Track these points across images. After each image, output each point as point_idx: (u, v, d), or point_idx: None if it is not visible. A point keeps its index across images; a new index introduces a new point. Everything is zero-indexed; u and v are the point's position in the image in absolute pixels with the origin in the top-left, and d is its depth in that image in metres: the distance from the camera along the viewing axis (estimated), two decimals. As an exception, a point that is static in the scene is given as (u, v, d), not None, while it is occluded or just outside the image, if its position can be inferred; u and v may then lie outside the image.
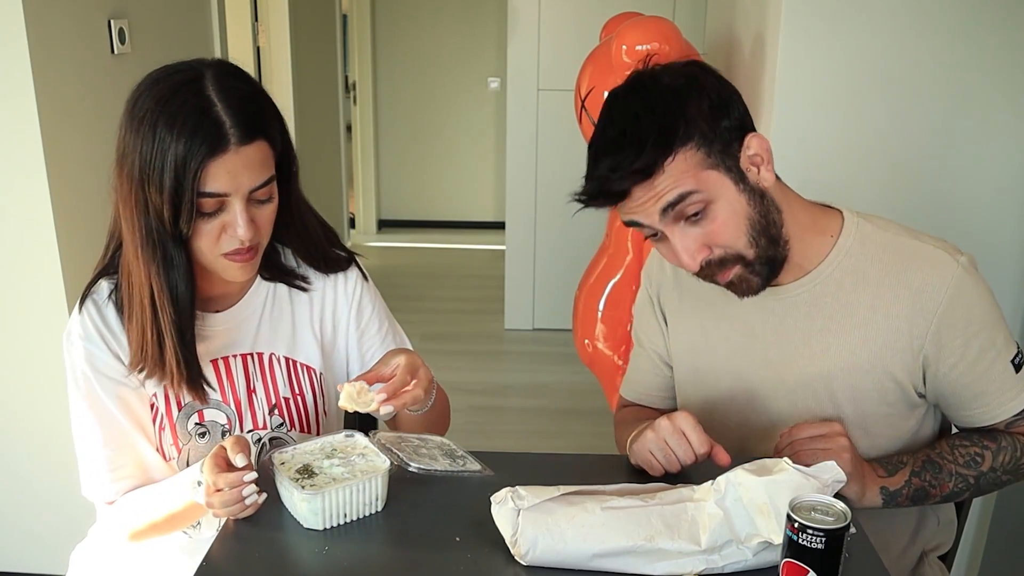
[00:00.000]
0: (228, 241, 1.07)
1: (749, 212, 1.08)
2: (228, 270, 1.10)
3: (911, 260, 1.13)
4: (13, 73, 1.86)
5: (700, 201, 1.06)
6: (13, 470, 2.17)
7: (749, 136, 1.09)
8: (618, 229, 2.34)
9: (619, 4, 2.91)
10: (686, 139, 1.05)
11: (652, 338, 1.36)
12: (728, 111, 1.08)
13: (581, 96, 2.29)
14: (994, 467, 1.15)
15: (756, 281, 1.12)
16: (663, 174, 1.05)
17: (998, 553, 1.94)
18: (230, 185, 1.03)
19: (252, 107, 1.04)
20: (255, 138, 1.03)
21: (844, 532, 0.80)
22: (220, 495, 0.99)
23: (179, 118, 0.99)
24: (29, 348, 2.06)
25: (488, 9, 5.62)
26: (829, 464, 0.93)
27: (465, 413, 3.33)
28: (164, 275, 1.06)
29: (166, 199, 1.00)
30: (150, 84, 1.03)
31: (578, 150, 3.10)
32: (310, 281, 1.25)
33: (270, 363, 1.22)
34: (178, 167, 0.99)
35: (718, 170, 1.06)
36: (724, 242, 1.08)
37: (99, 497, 1.19)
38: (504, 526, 0.94)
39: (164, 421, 1.17)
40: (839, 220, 1.18)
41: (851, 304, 1.15)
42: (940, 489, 1.15)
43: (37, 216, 1.95)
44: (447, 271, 5.30)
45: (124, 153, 1.03)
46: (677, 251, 1.09)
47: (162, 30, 2.54)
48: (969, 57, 1.75)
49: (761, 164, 1.09)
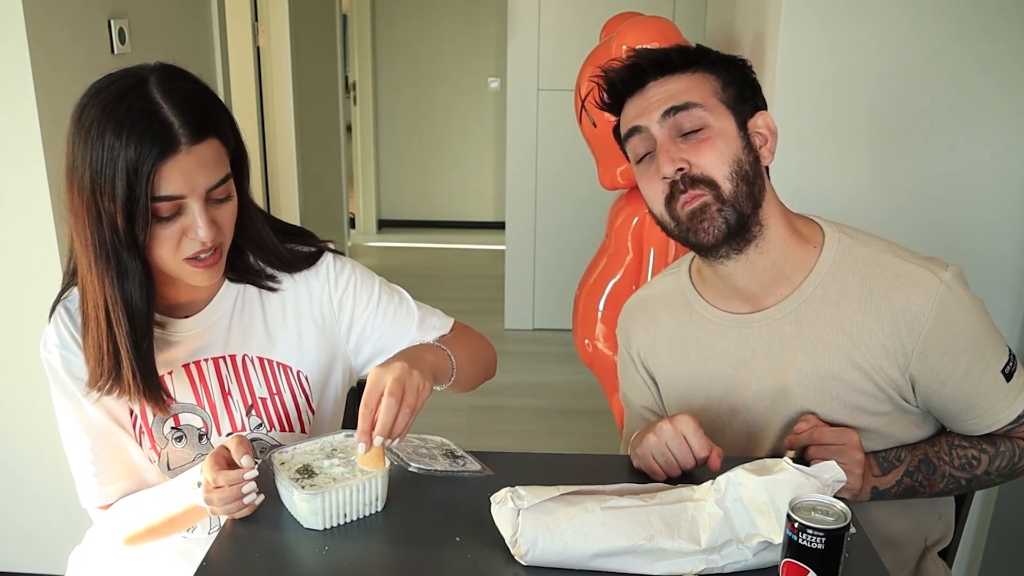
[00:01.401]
0: (189, 245, 1.05)
1: (739, 154, 1.11)
2: (192, 275, 1.08)
3: (893, 279, 1.12)
4: (13, 73, 1.86)
5: (700, 119, 1.11)
6: (12, 471, 2.17)
7: (761, 112, 1.15)
8: (618, 229, 2.34)
9: (619, 4, 2.91)
10: (710, 68, 1.14)
11: (641, 399, 1.34)
12: (752, 89, 1.16)
13: (581, 96, 2.29)
14: (988, 471, 1.15)
15: (719, 222, 1.09)
16: (679, 76, 1.13)
17: (999, 550, 1.95)
18: (185, 186, 1.01)
19: (200, 106, 1.03)
20: (206, 136, 1.02)
21: (844, 532, 0.80)
22: (220, 492, 0.99)
23: (126, 124, 0.97)
24: (29, 349, 2.06)
25: (488, 9, 5.62)
26: (829, 464, 0.93)
27: (465, 413, 3.33)
28: (119, 286, 1.03)
29: (119, 207, 0.98)
30: (93, 94, 1.01)
31: (578, 150, 3.10)
32: (278, 280, 1.22)
33: (243, 364, 1.20)
34: (130, 173, 0.97)
35: (726, 107, 1.13)
36: (705, 164, 1.10)
37: (91, 503, 1.19)
38: (504, 526, 0.94)
39: (141, 426, 1.17)
40: (819, 233, 1.18)
41: (836, 319, 1.14)
42: (929, 488, 1.16)
43: (37, 216, 1.95)
44: (447, 271, 5.30)
45: (73, 165, 1.00)
46: (660, 158, 1.11)
47: (162, 30, 2.54)
48: (969, 57, 1.75)
49: (764, 143, 1.14)
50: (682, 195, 1.10)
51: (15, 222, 1.97)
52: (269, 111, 4.23)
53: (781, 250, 1.15)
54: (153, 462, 1.18)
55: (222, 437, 1.19)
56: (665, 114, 1.11)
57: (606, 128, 2.24)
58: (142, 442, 1.17)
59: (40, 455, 2.13)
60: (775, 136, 1.15)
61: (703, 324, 1.23)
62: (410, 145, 6.00)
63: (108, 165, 0.97)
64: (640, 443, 1.11)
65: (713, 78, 1.14)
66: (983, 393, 1.14)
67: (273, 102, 4.23)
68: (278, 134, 4.29)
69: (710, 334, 1.21)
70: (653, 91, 1.14)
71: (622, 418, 2.31)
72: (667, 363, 1.28)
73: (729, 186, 1.09)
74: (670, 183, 1.11)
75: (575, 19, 3.80)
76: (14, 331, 2.06)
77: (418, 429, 1.16)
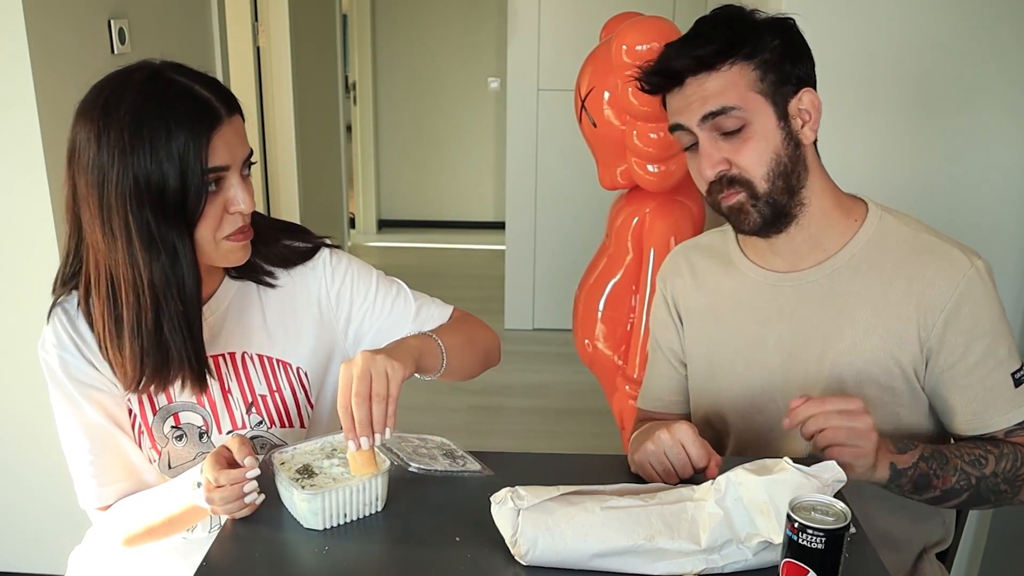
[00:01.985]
0: (230, 222, 1.07)
1: (779, 148, 1.14)
2: (232, 252, 1.10)
3: (927, 254, 1.16)
4: (13, 73, 1.86)
5: (739, 119, 1.13)
6: (12, 471, 2.17)
7: (806, 89, 1.15)
8: (618, 229, 2.34)
9: (619, 4, 2.90)
10: (749, 56, 1.13)
11: (668, 337, 1.38)
12: (796, 60, 1.15)
13: (581, 96, 2.28)
14: (996, 472, 1.15)
15: (755, 216, 1.16)
16: (716, 75, 1.13)
17: (998, 552, 1.94)
18: (228, 156, 1.03)
19: (219, 84, 1.06)
20: (235, 111, 1.05)
21: (844, 532, 0.80)
22: (221, 491, 0.99)
23: (165, 104, 0.98)
24: (28, 348, 2.06)
25: (488, 9, 5.62)
26: (830, 464, 0.93)
27: (465, 413, 3.33)
28: (171, 270, 1.03)
29: (171, 187, 0.99)
30: (110, 87, 1.01)
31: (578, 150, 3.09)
32: (276, 276, 1.22)
33: (243, 361, 1.20)
34: (184, 149, 0.98)
35: (766, 99, 1.13)
36: (744, 164, 1.14)
37: (90, 504, 1.18)
38: (504, 526, 0.94)
39: (141, 425, 1.17)
40: (864, 209, 1.22)
41: (864, 291, 1.17)
42: (943, 481, 1.13)
43: (37, 216, 1.95)
44: (447, 271, 5.30)
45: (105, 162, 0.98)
46: (702, 161, 1.16)
47: (162, 30, 2.54)
48: (974, 53, 1.75)
49: (807, 121, 1.15)
50: (719, 195, 1.17)
51: (15, 222, 1.97)
52: (269, 111, 4.23)
53: (821, 223, 1.20)
54: (153, 462, 1.18)
55: (222, 435, 1.19)
56: (704, 118, 1.14)
57: (606, 128, 2.25)
58: (141, 442, 1.17)
59: (40, 455, 2.13)
60: (819, 112, 1.16)
61: (738, 277, 1.28)
62: (410, 145, 6.00)
63: (153, 148, 0.98)
64: (638, 450, 1.11)
65: (752, 68, 1.13)
66: (991, 388, 1.14)
67: (273, 102, 4.23)
68: (278, 134, 4.29)
69: (743, 288, 1.26)
70: (692, 89, 1.14)
71: (622, 418, 2.31)
72: (697, 310, 1.33)
73: (765, 185, 1.14)
74: (709, 182, 1.17)
75: (575, 19, 3.80)
76: (14, 331, 2.06)
77: (418, 429, 1.16)
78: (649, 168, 2.18)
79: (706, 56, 1.13)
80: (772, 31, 1.15)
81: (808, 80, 1.17)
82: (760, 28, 1.15)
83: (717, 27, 1.15)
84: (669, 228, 2.23)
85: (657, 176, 2.18)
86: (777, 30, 1.15)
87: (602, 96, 2.20)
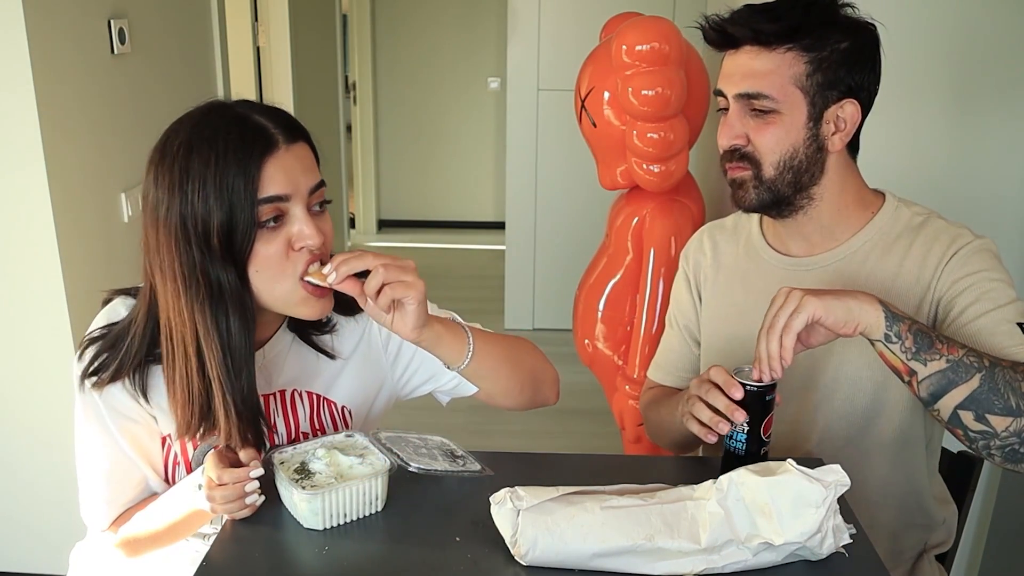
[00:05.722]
0: (298, 259, 1.00)
1: (798, 144, 1.15)
2: (305, 303, 1.03)
3: (934, 235, 1.18)
4: (13, 73, 1.86)
5: (771, 108, 1.14)
6: (13, 470, 2.17)
7: (851, 100, 1.15)
8: (618, 229, 2.33)
9: (619, 4, 2.90)
10: (807, 48, 1.12)
11: (685, 313, 1.41)
12: (855, 67, 1.14)
13: (581, 96, 2.28)
14: (997, 362, 1.03)
15: (752, 196, 1.19)
16: (768, 55, 1.13)
17: (998, 553, 1.94)
18: (288, 185, 0.98)
19: (285, 114, 1.03)
20: (298, 139, 1.01)
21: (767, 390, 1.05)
22: (223, 490, 0.98)
23: (221, 132, 0.96)
24: (29, 348, 2.07)
25: (488, 9, 5.62)
26: (834, 467, 0.92)
27: (465, 413, 3.32)
28: (210, 312, 0.98)
29: (218, 218, 0.95)
30: (176, 124, 1.00)
31: (578, 150, 3.08)
32: (333, 355, 1.18)
33: (292, 399, 1.17)
34: (231, 177, 0.94)
35: (804, 96, 1.14)
36: (760, 145, 1.16)
37: (96, 525, 1.17)
38: (504, 526, 0.94)
39: (179, 457, 1.14)
40: (882, 201, 1.24)
41: (874, 275, 1.20)
42: (948, 348, 1.02)
43: (37, 216, 1.95)
44: (447, 271, 5.29)
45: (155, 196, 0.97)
46: (721, 129, 1.19)
47: (162, 30, 2.54)
48: (976, 52, 1.75)
49: (840, 130, 1.16)
50: (727, 163, 1.20)
51: (15, 222, 1.97)
52: (269, 111, 4.23)
53: (833, 216, 1.22)
54: None
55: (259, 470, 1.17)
56: (739, 95, 1.16)
57: (606, 128, 2.25)
58: (176, 473, 1.14)
59: (41, 454, 2.13)
60: (855, 127, 1.17)
61: (756, 259, 1.31)
62: (410, 145, 5.99)
63: (202, 180, 0.94)
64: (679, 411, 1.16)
65: (804, 60, 1.13)
66: (998, 332, 1.08)
67: (273, 102, 4.22)
68: (278, 134, 4.28)
69: (760, 270, 1.29)
70: (743, 59, 1.15)
71: (622, 418, 2.31)
72: (715, 288, 1.36)
73: (772, 172, 1.17)
74: (723, 150, 1.20)
75: (575, 19, 3.79)
76: (14, 331, 2.06)
77: (418, 429, 1.16)
78: (649, 168, 2.18)
79: (766, 33, 1.13)
80: (845, 32, 1.14)
81: (859, 91, 1.15)
82: (833, 24, 1.14)
83: (794, 8, 1.14)
84: (669, 228, 2.23)
85: (657, 176, 2.18)
86: (851, 32, 1.14)
87: (602, 96, 2.20)
